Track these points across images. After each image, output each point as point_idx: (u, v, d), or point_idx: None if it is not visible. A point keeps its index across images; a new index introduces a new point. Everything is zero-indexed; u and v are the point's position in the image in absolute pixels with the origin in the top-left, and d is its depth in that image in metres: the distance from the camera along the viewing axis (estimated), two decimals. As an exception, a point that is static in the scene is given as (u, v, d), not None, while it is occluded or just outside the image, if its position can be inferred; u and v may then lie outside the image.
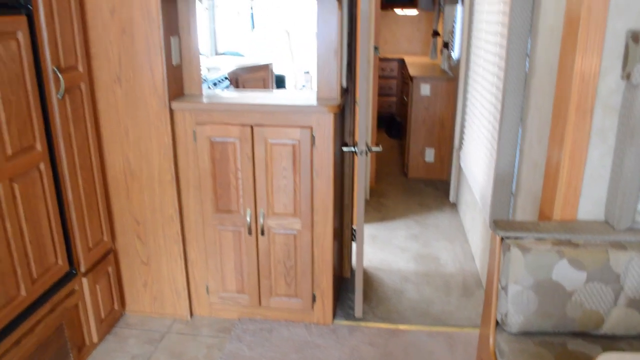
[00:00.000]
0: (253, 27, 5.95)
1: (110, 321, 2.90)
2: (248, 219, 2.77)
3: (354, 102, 3.16)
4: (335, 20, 2.64)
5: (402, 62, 7.11)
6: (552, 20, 2.28)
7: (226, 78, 4.48)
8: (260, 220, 2.77)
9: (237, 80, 4.71)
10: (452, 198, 4.81)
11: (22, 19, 2.16)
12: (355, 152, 2.80)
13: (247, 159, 2.68)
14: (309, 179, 2.69)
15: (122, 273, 2.98)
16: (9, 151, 2.10)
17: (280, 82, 5.74)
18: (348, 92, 3.01)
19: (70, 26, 2.44)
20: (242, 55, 5.77)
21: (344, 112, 3.05)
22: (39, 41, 2.27)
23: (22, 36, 2.16)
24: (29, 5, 2.20)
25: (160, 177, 2.76)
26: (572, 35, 1.88)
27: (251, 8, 5.85)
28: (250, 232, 2.80)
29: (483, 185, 3.32)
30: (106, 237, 2.80)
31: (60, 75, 2.35)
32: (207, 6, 4.91)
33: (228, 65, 4.84)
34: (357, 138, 2.80)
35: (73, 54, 2.48)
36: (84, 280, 2.63)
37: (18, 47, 2.14)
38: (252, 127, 2.63)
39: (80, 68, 2.53)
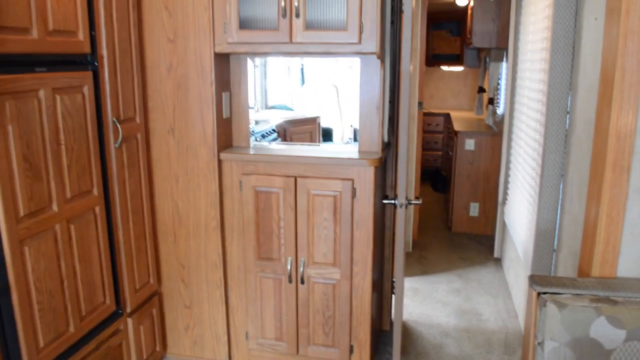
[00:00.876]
0: (303, 82, 6.18)
1: (153, 363, 2.99)
2: (289, 267, 2.84)
3: (396, 155, 3.23)
4: (377, 78, 2.76)
5: (447, 117, 7.18)
6: (590, 78, 2.32)
7: (274, 130, 4.64)
8: (301, 269, 2.84)
9: (284, 132, 4.87)
10: (496, 253, 4.75)
11: (89, 75, 2.37)
12: (395, 204, 2.85)
13: (289, 208, 2.78)
14: (349, 230, 2.75)
15: (166, 315, 3.08)
16: (68, 194, 2.27)
17: (327, 135, 5.87)
18: (390, 146, 3.09)
19: (131, 81, 2.65)
20: (291, 109, 5.97)
21: (385, 166, 3.13)
22: (102, 95, 2.47)
23: (88, 90, 2.36)
24: (95, 62, 2.41)
25: (206, 224, 2.88)
26: (608, 94, 1.92)
27: (302, 65, 6.09)
28: (290, 280, 2.86)
29: (525, 240, 3.29)
30: (152, 280, 2.92)
31: (119, 126, 2.54)
32: (257, 64, 5.15)
33: (277, 118, 5.02)
34: (398, 191, 2.86)
35: (132, 106, 2.67)
36: (129, 321, 2.73)
37: (83, 100, 2.34)
38: (295, 178, 2.74)
39: (138, 119, 2.72)
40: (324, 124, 5.85)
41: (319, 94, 6.16)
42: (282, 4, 2.54)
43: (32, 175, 2.06)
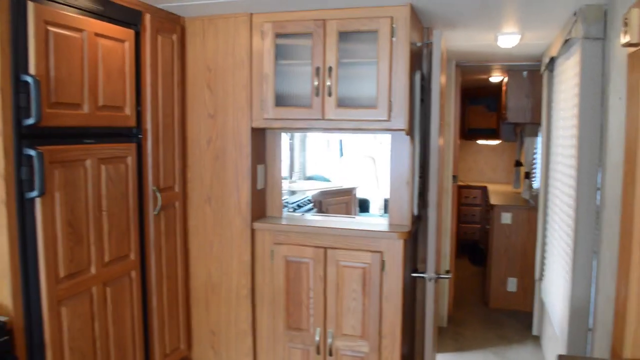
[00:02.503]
0: (341, 154, 6.34)
1: None
2: (317, 338, 2.84)
3: (427, 229, 3.25)
4: (406, 153, 2.84)
5: (485, 190, 7.16)
6: (617, 155, 2.33)
7: (310, 201, 4.73)
8: (329, 340, 2.83)
9: (320, 203, 4.96)
10: (534, 331, 4.59)
11: (133, 147, 2.54)
12: (424, 278, 2.85)
13: (319, 279, 2.81)
14: (378, 302, 2.75)
15: (195, 383, 3.10)
16: (107, 258, 2.38)
17: (363, 206, 5.93)
18: (421, 219, 3.13)
19: (172, 153, 2.81)
20: (328, 180, 6.09)
21: (416, 239, 3.15)
22: (144, 165, 2.63)
23: (131, 160, 2.52)
24: (139, 135, 2.59)
25: (237, 292, 2.93)
26: (631, 171, 1.94)
27: (340, 140, 6.28)
28: (318, 352, 2.86)
29: (561, 319, 3.20)
30: (183, 345, 2.96)
31: (158, 195, 2.67)
32: (295, 137, 5.34)
33: (314, 189, 5.13)
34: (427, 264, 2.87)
35: (172, 176, 2.82)
36: (158, 387, 2.76)
37: (126, 169, 2.49)
38: (325, 249, 2.79)
39: (177, 188, 2.86)
40: (361, 195, 5.93)
41: (357, 165, 6.29)
42: (316, 83, 2.69)
43: (74, 239, 2.19)
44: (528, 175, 5.59)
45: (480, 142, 7.59)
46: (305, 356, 2.89)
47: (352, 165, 6.30)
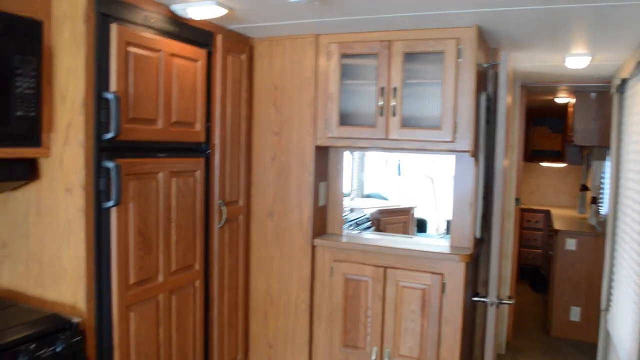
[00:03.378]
0: (399, 173, 6.33)
1: None
2: (374, 356, 2.83)
3: (489, 252, 3.19)
4: (470, 175, 2.82)
5: (548, 214, 6.95)
6: (696, 186, 2.23)
7: (368, 219, 4.74)
8: (385, 360, 2.82)
9: (378, 221, 4.96)
10: (599, 364, 4.40)
11: (201, 161, 2.64)
12: (485, 302, 2.80)
13: (377, 298, 2.81)
14: (437, 325, 2.72)
15: (251, 395, 3.14)
16: (173, 267, 2.47)
17: (421, 226, 5.89)
18: (483, 242, 3.08)
19: (238, 168, 2.89)
20: (386, 199, 6.08)
21: (477, 262, 3.10)
22: (211, 179, 2.72)
23: (199, 174, 2.61)
24: (208, 150, 2.68)
25: (296, 306, 2.97)
26: None
27: (398, 159, 6.28)
28: (374, 371, 2.85)
29: (630, 352, 3.06)
30: (240, 356, 3.02)
31: (224, 208, 2.76)
32: (355, 156, 5.38)
33: (371, 207, 5.14)
34: (489, 289, 2.82)
35: (237, 190, 2.90)
36: (218, 397, 2.82)
37: (194, 183, 2.59)
38: (385, 269, 2.79)
39: (241, 202, 2.94)
40: (418, 214, 5.89)
41: (415, 185, 6.26)
42: (380, 103, 2.72)
43: (144, 248, 2.29)
44: (595, 201, 5.39)
45: (543, 164, 7.39)
46: (361, 375, 2.89)
47: (410, 184, 6.27)
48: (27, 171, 2.12)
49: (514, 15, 2.41)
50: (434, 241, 3.18)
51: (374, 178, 6.30)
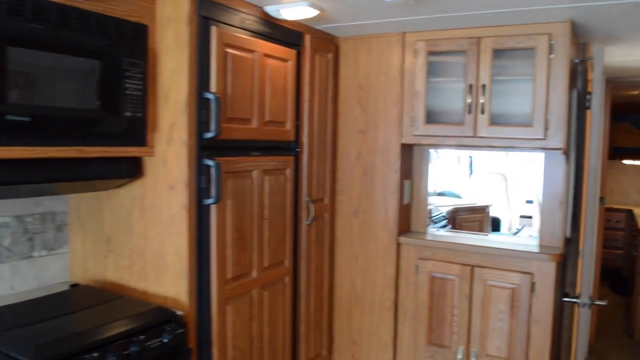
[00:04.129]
0: (471, 172, 6.23)
1: None
2: (459, 355, 2.81)
3: (577, 252, 3.11)
4: (561, 174, 2.75)
5: (630, 214, 6.65)
6: None
7: (445, 217, 4.70)
8: (472, 360, 2.80)
9: (454, 219, 4.91)
10: (692, 372, 4.19)
11: (291, 159, 2.70)
12: (577, 303, 2.73)
13: (464, 297, 2.79)
14: (526, 325, 2.68)
15: (334, 390, 3.19)
16: (266, 263, 2.54)
17: (495, 225, 5.79)
18: (571, 242, 3.00)
19: (324, 166, 2.94)
20: (459, 197, 6.01)
21: (566, 262, 3.02)
22: (300, 177, 2.78)
23: (289, 172, 2.68)
24: (297, 149, 2.74)
25: (380, 304, 2.99)
26: None
27: (470, 157, 6.19)
28: (460, 370, 2.83)
29: None
30: (325, 352, 3.07)
31: (311, 206, 2.81)
32: (439, 154, 5.35)
33: (447, 205, 5.09)
34: (578, 289, 2.74)
35: (323, 188, 2.95)
36: (303, 389, 2.88)
37: (285, 181, 2.65)
38: (472, 267, 2.76)
39: (327, 200, 2.99)
40: (492, 213, 5.78)
41: (488, 183, 6.14)
42: (468, 100, 2.69)
43: (240, 244, 2.37)
44: (685, 200, 5.12)
45: (625, 161, 7.07)
46: (446, 374, 2.88)
47: (483, 182, 6.16)
48: (133, 169, 2.24)
49: (606, 9, 2.33)
50: (518, 240, 3.12)
51: (446, 176, 6.23)
